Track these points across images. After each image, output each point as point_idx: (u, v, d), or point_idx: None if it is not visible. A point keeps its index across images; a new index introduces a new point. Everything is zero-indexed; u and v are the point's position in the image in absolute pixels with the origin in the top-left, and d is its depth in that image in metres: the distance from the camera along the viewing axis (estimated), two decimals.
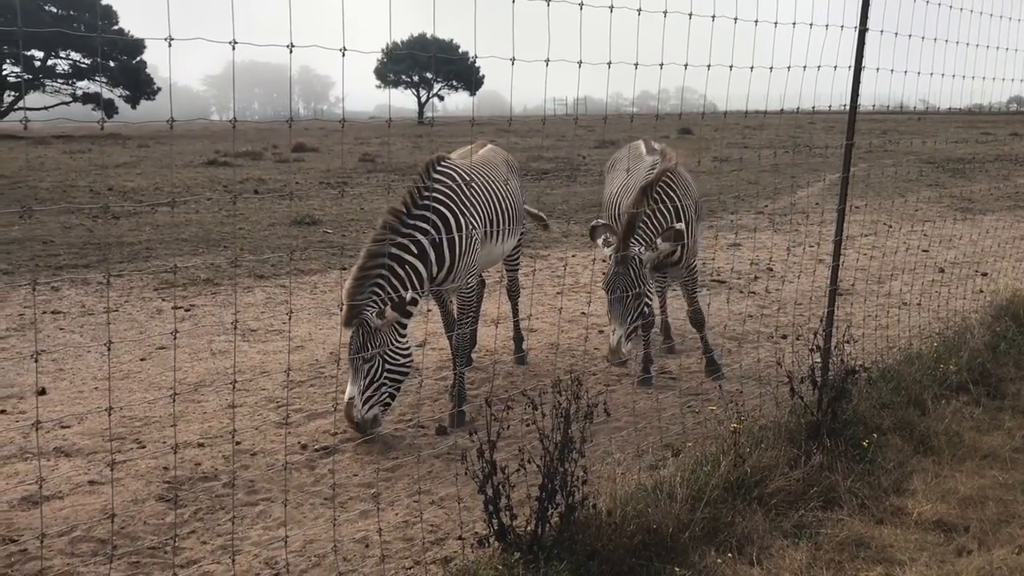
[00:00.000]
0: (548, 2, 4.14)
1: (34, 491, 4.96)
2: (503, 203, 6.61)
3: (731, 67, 5.02)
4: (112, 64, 48.83)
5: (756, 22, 5.09)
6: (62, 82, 49.75)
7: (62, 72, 49.60)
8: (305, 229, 14.26)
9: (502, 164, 7.10)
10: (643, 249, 6.17)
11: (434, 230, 5.91)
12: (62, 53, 48.67)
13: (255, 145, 30.24)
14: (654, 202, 6.38)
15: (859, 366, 5.52)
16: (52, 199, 17.09)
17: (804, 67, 5.38)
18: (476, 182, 6.38)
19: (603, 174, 8.18)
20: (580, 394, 4.11)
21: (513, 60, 4.15)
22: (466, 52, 52.21)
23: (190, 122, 6.88)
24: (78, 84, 50.30)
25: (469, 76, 69.16)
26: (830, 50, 5.31)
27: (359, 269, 5.73)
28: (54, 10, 47.54)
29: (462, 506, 4.58)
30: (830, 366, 5.37)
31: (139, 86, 50.30)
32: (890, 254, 10.60)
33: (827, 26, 5.34)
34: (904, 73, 6.26)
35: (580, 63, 4.33)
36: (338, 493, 5.00)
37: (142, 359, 7.51)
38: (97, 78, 48.36)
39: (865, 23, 5.23)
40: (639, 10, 4.54)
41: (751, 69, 5.15)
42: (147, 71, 50.91)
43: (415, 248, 5.80)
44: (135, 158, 26.94)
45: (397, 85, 71.96)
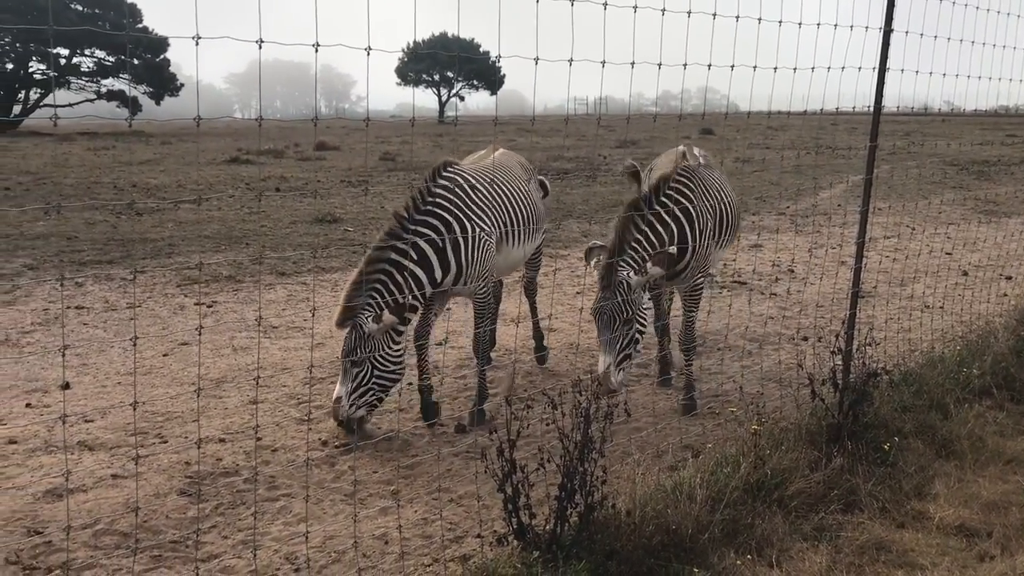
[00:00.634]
0: (572, 2, 4.14)
1: (58, 484, 5.02)
2: (518, 207, 6.50)
3: (755, 68, 5.00)
4: (136, 62, 49.24)
5: (780, 23, 5.08)
6: (87, 80, 50.22)
7: (87, 70, 50.07)
8: (326, 227, 14.33)
9: (516, 167, 6.96)
10: (631, 273, 5.66)
11: (436, 235, 5.82)
12: (87, 51, 49.12)
13: (277, 143, 30.40)
14: (658, 210, 5.95)
15: (881, 369, 5.49)
16: (76, 195, 17.26)
17: (828, 68, 5.35)
18: (485, 186, 6.26)
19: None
20: (600, 394, 4.11)
21: (537, 60, 4.16)
22: (487, 51, 52.24)
23: (215, 120, 6.93)
24: (103, 81, 50.76)
25: (490, 75, 69.14)
26: (854, 51, 5.28)
27: (358, 273, 5.72)
28: (80, 8, 47.98)
29: (481, 504, 4.59)
30: (851, 369, 5.35)
31: (163, 83, 50.66)
32: (913, 256, 10.52)
33: (852, 27, 5.31)
34: (929, 74, 6.22)
35: (604, 63, 4.33)
36: (358, 490, 5.02)
37: (164, 355, 7.58)
38: (122, 76, 48.75)
39: (890, 24, 5.20)
40: (663, 10, 4.53)
41: (775, 70, 5.13)
42: (170, 69, 51.31)
43: (415, 254, 5.74)
44: (158, 155, 27.15)
45: (418, 84, 72.06)
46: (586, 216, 15.23)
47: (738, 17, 4.87)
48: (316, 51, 3.50)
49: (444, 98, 74.29)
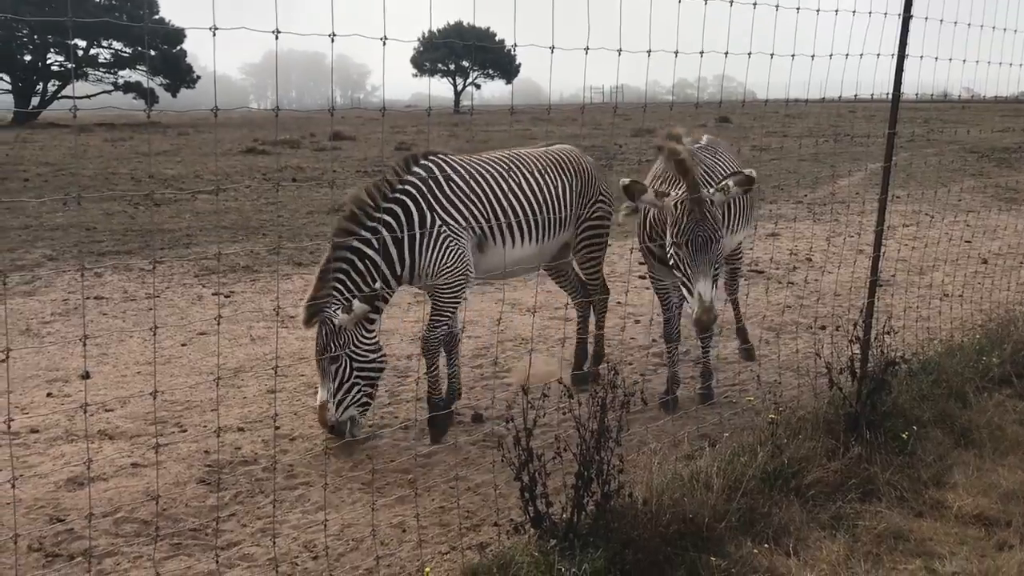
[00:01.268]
0: None
1: (79, 472, 5.07)
2: (518, 201, 5.95)
3: (772, 55, 4.97)
4: (153, 53, 49.43)
5: (798, 9, 5.04)
6: (104, 71, 50.45)
7: (104, 61, 50.29)
8: None
9: (540, 161, 6.26)
10: (711, 191, 5.42)
11: (396, 226, 5.53)
12: (104, 42, 49.34)
13: (293, 133, 30.45)
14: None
15: (899, 358, 5.46)
16: (95, 186, 17.37)
17: (846, 55, 5.31)
18: (465, 179, 5.78)
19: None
20: (616, 383, 4.11)
21: (552, 48, 4.15)
22: (503, 40, 52.10)
23: (232, 110, 6.95)
24: (120, 73, 51.00)
25: (506, 64, 69.00)
26: (872, 38, 5.24)
27: (320, 269, 5.52)
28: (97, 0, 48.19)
29: (498, 493, 4.60)
30: (869, 357, 5.32)
31: (180, 75, 50.80)
32: (932, 244, 10.44)
33: (870, 13, 5.27)
34: (948, 61, 6.16)
35: (620, 52, 4.31)
36: (376, 478, 5.05)
37: (183, 344, 7.63)
38: (140, 67, 48.89)
39: (909, 10, 5.14)
40: None
41: (792, 57, 5.10)
42: (187, 60, 51.46)
43: (376, 243, 5.49)
44: (175, 146, 27.26)
45: (433, 74, 71.97)
46: None
47: (755, 4, 4.84)
48: (332, 41, 3.51)
49: (460, 87, 74.22)
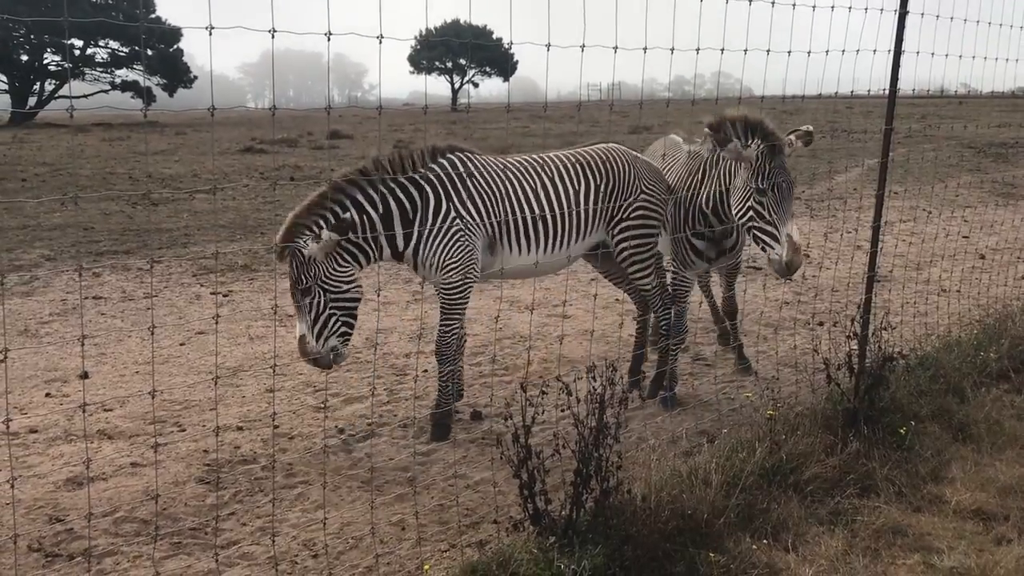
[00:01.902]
0: None
1: (79, 472, 5.07)
2: (528, 206, 5.68)
3: (768, 51, 4.97)
4: (150, 52, 49.36)
5: (794, 5, 5.04)
6: (101, 71, 50.40)
7: (101, 61, 50.24)
8: None
9: (564, 162, 5.91)
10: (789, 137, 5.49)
11: (408, 203, 5.41)
12: (101, 42, 49.29)
13: (291, 132, 30.40)
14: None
15: (897, 353, 5.47)
16: (92, 186, 17.35)
17: (843, 51, 5.31)
18: (486, 176, 5.62)
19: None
20: (615, 380, 4.12)
21: (549, 46, 4.15)
22: (500, 38, 52.06)
23: (229, 109, 6.94)
24: (117, 72, 50.95)
25: (503, 62, 68.95)
26: (869, 33, 5.24)
27: (309, 201, 5.36)
28: None
29: (497, 490, 4.61)
30: (867, 353, 5.33)
31: (176, 74, 50.78)
32: (929, 240, 10.45)
33: (866, 9, 5.27)
34: (945, 56, 6.16)
35: (616, 49, 4.31)
36: (375, 476, 5.06)
37: (181, 344, 7.63)
38: (136, 67, 48.86)
39: (905, 6, 5.15)
40: None
41: (788, 53, 5.10)
42: (184, 59, 51.43)
43: (381, 207, 5.37)
44: (172, 145, 27.24)
45: (430, 72, 71.92)
46: None
47: (751, 0, 4.84)
48: (328, 40, 3.51)
49: (457, 85, 74.18)
